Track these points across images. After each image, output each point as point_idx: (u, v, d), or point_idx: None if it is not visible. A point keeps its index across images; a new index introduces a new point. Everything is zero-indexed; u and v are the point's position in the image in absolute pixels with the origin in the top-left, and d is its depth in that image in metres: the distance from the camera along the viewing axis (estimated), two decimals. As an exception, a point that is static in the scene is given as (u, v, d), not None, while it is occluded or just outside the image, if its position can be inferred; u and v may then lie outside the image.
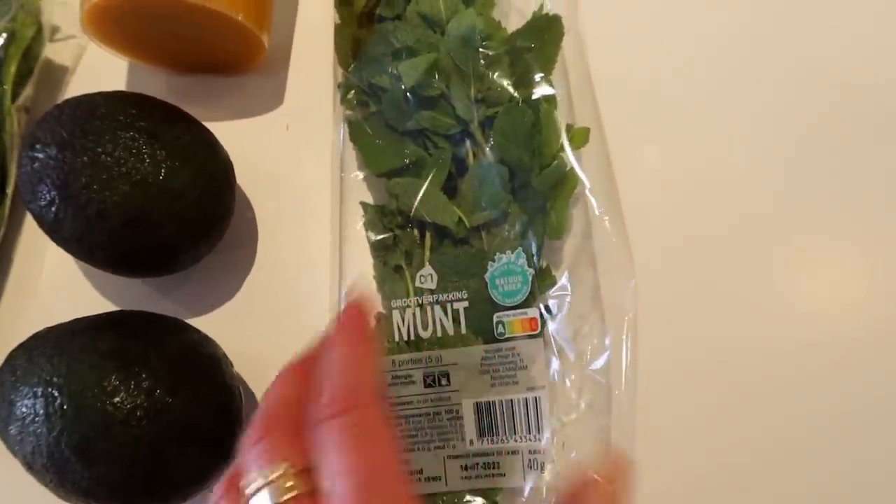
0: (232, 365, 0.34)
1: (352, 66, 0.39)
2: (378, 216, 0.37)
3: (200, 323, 0.37)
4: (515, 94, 0.36)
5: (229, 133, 0.38)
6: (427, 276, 0.35)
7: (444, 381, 0.33)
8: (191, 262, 0.36)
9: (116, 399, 0.29)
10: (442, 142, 0.37)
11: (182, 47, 0.39)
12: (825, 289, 0.37)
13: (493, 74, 0.36)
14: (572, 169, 0.35)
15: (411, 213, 0.35)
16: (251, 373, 0.37)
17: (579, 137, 0.36)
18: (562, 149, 0.36)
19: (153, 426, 0.29)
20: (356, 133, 0.38)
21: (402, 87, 0.36)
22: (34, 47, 0.40)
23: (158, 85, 0.42)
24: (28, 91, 0.40)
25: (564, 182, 0.35)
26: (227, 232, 0.38)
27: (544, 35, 0.37)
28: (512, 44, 0.37)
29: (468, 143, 0.36)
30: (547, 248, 0.36)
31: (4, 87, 0.38)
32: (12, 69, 0.39)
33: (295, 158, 0.41)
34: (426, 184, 0.35)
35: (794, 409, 0.35)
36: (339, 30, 0.40)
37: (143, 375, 0.30)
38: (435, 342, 0.34)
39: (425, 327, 0.34)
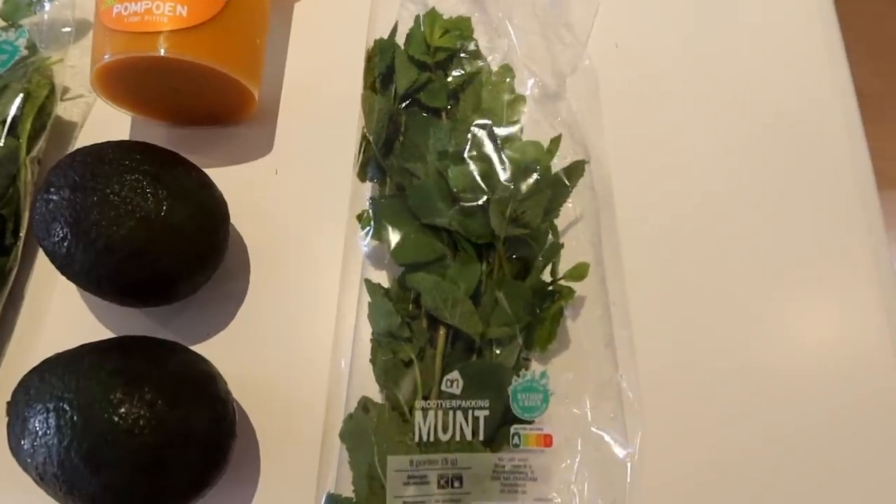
0: (226, 383, 0.37)
1: (381, 140, 0.40)
2: (384, 300, 0.38)
3: (197, 350, 0.40)
4: (543, 224, 0.39)
5: (224, 178, 0.42)
6: (454, 382, 0.35)
7: (456, 484, 0.35)
8: (189, 291, 0.40)
9: (122, 410, 0.32)
10: (469, 248, 0.38)
11: (180, 101, 0.43)
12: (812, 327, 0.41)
13: (530, 201, 0.38)
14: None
15: (434, 313, 0.36)
16: (244, 395, 0.39)
17: (581, 270, 0.38)
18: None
19: (154, 435, 0.32)
20: (383, 212, 0.39)
21: (433, 181, 0.38)
22: (47, 105, 0.44)
23: (159, 137, 0.46)
24: (41, 144, 0.44)
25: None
26: (221, 266, 0.41)
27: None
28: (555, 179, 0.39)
29: (491, 256, 0.38)
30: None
31: (20, 140, 0.42)
32: (27, 125, 0.43)
33: (284, 200, 0.45)
34: (459, 289, 0.36)
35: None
36: (369, 100, 0.41)
37: (146, 389, 0.33)
38: (453, 446, 0.35)
39: (445, 430, 0.35)
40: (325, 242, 0.43)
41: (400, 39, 0.44)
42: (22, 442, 0.33)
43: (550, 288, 0.38)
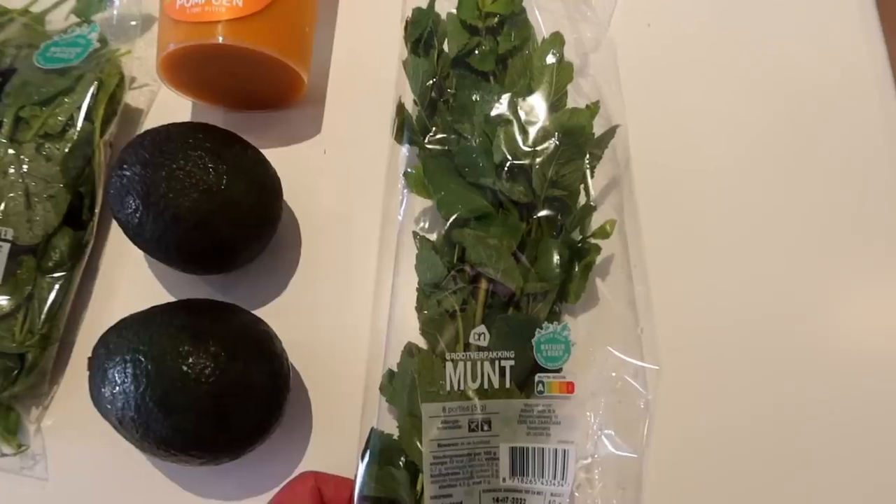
0: (281, 342, 0.40)
1: (426, 100, 0.43)
2: (431, 253, 0.40)
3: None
4: (582, 191, 0.41)
5: (276, 158, 0.45)
6: (480, 335, 0.38)
7: (485, 427, 0.37)
8: (246, 260, 0.43)
9: (190, 360, 0.36)
10: (510, 206, 0.40)
11: (237, 86, 0.47)
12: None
13: (570, 164, 0.40)
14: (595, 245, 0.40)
15: (478, 267, 0.38)
16: (297, 355, 0.42)
17: (606, 229, 0.40)
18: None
19: (218, 383, 0.36)
20: (431, 169, 0.41)
21: (480, 143, 0.40)
22: (117, 93, 0.48)
23: (217, 121, 0.48)
24: (112, 129, 0.48)
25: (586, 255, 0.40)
26: (275, 238, 0.44)
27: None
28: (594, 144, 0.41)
29: (531, 216, 0.40)
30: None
31: (95, 125, 0.46)
32: (101, 111, 0.47)
33: (332, 177, 0.48)
34: (503, 245, 0.38)
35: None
36: (413, 64, 0.43)
37: (210, 342, 0.36)
38: (482, 393, 0.37)
39: (474, 380, 0.37)
40: (370, 217, 0.46)
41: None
42: (103, 390, 0.37)
43: (580, 245, 0.40)
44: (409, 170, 0.42)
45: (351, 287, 0.45)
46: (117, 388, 0.36)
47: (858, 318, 0.42)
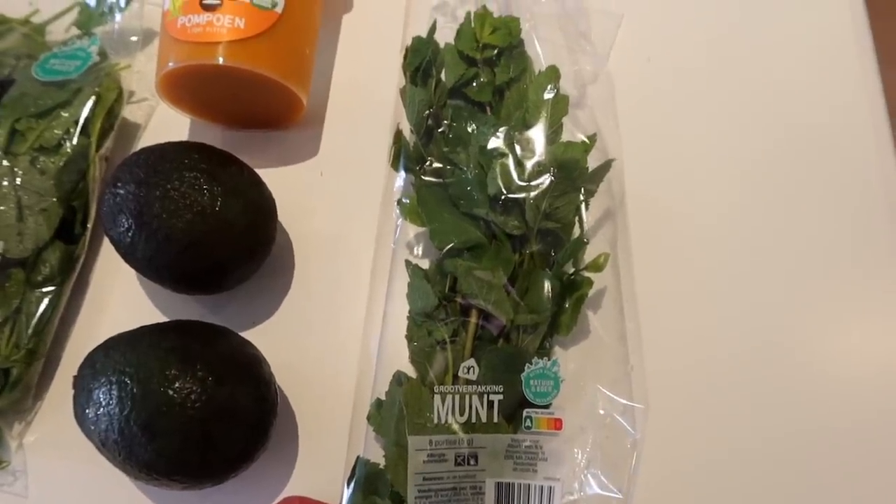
0: (270, 366, 0.40)
1: (423, 129, 0.43)
2: (423, 282, 0.40)
3: (244, 336, 0.43)
4: (576, 224, 0.41)
5: (272, 178, 0.45)
6: (470, 368, 0.38)
7: (472, 462, 0.37)
8: (238, 281, 0.43)
9: (176, 385, 0.35)
10: (503, 238, 0.40)
11: (235, 106, 0.47)
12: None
13: (564, 197, 0.40)
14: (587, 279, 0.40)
15: (469, 298, 0.38)
16: (286, 379, 0.42)
17: (599, 263, 0.40)
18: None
19: (204, 409, 0.35)
20: (425, 198, 0.41)
21: (475, 174, 0.41)
22: (115, 108, 0.48)
23: (214, 139, 0.49)
24: (108, 143, 0.48)
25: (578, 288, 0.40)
26: (269, 259, 0.44)
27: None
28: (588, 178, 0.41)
29: (524, 248, 0.40)
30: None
31: (91, 139, 0.46)
32: (98, 125, 0.46)
33: (328, 200, 0.48)
34: (494, 276, 0.38)
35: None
36: (410, 93, 0.43)
37: (198, 367, 0.36)
38: (469, 427, 0.37)
39: (462, 413, 0.37)
40: (364, 241, 0.45)
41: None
42: (87, 411, 0.37)
43: (573, 278, 0.40)
44: (403, 200, 0.42)
45: (342, 312, 0.45)
46: (101, 409, 0.36)
47: (850, 358, 0.42)
